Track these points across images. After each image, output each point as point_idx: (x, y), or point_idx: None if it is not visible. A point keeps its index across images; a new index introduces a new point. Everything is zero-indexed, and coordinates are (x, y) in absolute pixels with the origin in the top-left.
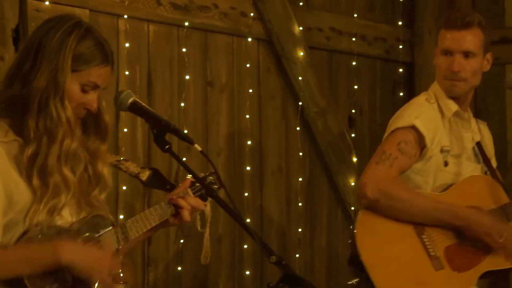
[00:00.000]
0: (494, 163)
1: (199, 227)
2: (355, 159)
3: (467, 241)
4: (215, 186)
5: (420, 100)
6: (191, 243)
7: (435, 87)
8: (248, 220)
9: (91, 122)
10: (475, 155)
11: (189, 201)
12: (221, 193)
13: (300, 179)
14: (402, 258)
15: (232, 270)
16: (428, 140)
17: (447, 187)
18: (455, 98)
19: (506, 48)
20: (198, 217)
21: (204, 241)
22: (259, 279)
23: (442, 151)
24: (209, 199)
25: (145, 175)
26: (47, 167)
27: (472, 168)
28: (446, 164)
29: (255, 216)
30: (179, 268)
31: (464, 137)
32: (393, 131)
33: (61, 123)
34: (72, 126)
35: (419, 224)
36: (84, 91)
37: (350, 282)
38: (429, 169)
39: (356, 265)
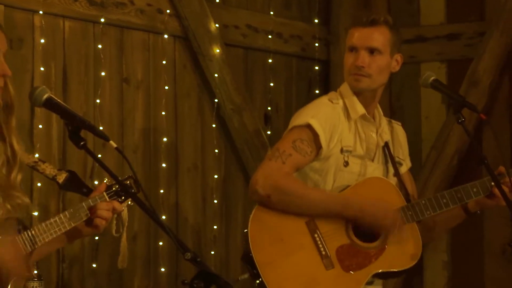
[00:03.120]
0: (408, 163)
1: (113, 232)
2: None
3: (360, 241)
4: (132, 191)
5: (322, 99)
6: (106, 240)
7: (343, 87)
8: (163, 217)
9: None
10: (384, 155)
11: (107, 208)
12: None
13: (216, 176)
14: (293, 256)
15: (147, 267)
16: (323, 140)
17: (346, 187)
18: (362, 97)
19: (421, 46)
20: (114, 222)
21: (121, 245)
22: (174, 276)
23: (342, 151)
24: (126, 203)
25: (61, 177)
26: None
27: (373, 169)
28: (346, 164)
29: (170, 213)
30: (94, 265)
31: (370, 138)
32: (290, 129)
33: None
34: None
35: (312, 222)
36: None
37: (240, 277)
38: (327, 169)
39: (248, 261)
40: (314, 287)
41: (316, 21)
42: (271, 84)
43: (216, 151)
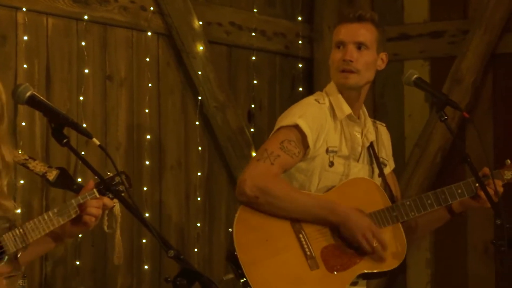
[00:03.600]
0: (392, 164)
1: (106, 228)
2: (254, 154)
3: (344, 243)
4: (123, 187)
5: (309, 99)
6: (89, 238)
7: (329, 86)
8: (146, 215)
9: None
10: (369, 156)
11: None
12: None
13: (199, 174)
14: (278, 256)
15: (130, 264)
16: (310, 140)
17: (331, 188)
18: (347, 97)
19: (404, 44)
20: (106, 217)
21: (116, 241)
22: (158, 274)
23: (328, 151)
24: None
25: (52, 174)
26: None
27: (358, 169)
28: (331, 164)
29: (153, 210)
30: (78, 263)
31: (355, 138)
32: (277, 130)
33: None
34: None
35: (298, 223)
36: None
37: (225, 278)
38: (313, 169)
39: (233, 261)
40: (299, 286)
41: (299, 18)
42: (255, 82)
43: (200, 148)
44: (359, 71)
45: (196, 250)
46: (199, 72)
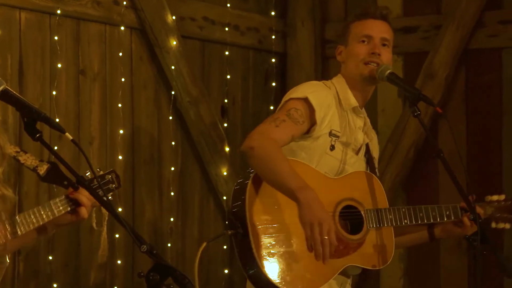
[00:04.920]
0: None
1: (94, 225)
2: (227, 149)
3: (343, 231)
4: (113, 185)
5: (317, 82)
6: (62, 232)
7: (337, 79)
8: (119, 210)
9: None
10: (366, 152)
11: (89, 197)
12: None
13: (172, 169)
14: (283, 227)
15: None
16: (318, 116)
17: (338, 172)
18: (359, 89)
19: None
20: (94, 215)
21: (102, 239)
22: (131, 269)
23: (331, 134)
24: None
25: (43, 169)
26: None
27: (354, 160)
28: (332, 148)
29: (126, 205)
30: (50, 257)
31: (357, 131)
32: (286, 101)
33: None
34: None
35: None
36: None
37: (225, 232)
38: (315, 148)
39: (238, 218)
40: (291, 262)
41: (272, 13)
42: (228, 77)
43: (173, 143)
44: (388, 65)
45: (169, 245)
46: (173, 67)
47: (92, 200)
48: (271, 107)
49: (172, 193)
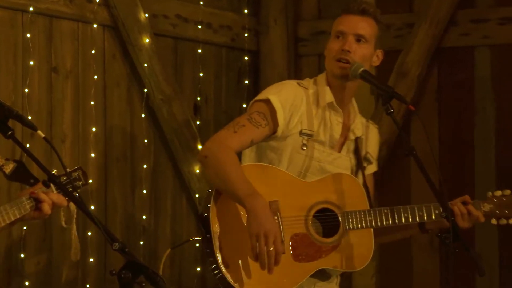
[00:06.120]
0: (375, 166)
1: (63, 223)
2: (200, 147)
3: (316, 234)
4: (80, 182)
5: (289, 81)
6: (34, 229)
7: (322, 75)
8: (92, 207)
9: None
10: (355, 150)
11: (51, 196)
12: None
13: (145, 166)
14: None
15: None
16: (280, 117)
17: (315, 170)
18: (335, 86)
19: None
20: (62, 213)
21: (72, 237)
22: (103, 267)
23: (301, 133)
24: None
25: (9, 167)
26: None
27: (334, 158)
28: (304, 147)
29: (99, 203)
30: (22, 255)
31: (334, 127)
32: (252, 104)
33: None
34: None
35: (275, 204)
36: None
37: (192, 238)
38: (283, 148)
39: (204, 224)
40: (257, 267)
41: (245, 11)
42: (201, 74)
43: (145, 141)
44: (360, 64)
45: (141, 243)
46: (145, 65)
47: (54, 199)
48: (244, 105)
49: (144, 191)
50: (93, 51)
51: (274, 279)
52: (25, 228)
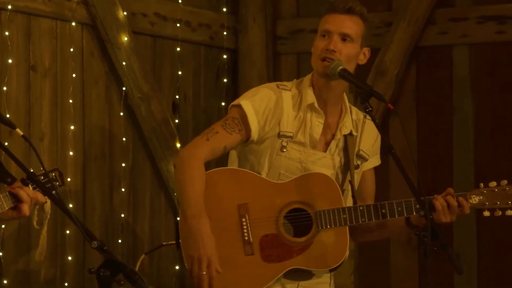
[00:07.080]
0: (375, 161)
1: (35, 224)
2: (178, 145)
3: (286, 235)
4: (56, 183)
5: (268, 84)
6: (12, 228)
7: (308, 75)
8: (70, 206)
9: None
10: (344, 147)
11: (29, 193)
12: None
13: (123, 165)
14: (217, 236)
15: (54, 255)
16: (252, 122)
17: (299, 171)
18: (320, 85)
19: None
20: (36, 213)
21: (41, 238)
22: (81, 265)
23: (280, 135)
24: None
25: None
26: None
27: (317, 158)
28: (283, 149)
29: (77, 201)
30: (0, 254)
31: (315, 128)
32: (229, 109)
33: None
34: None
35: (244, 206)
36: None
37: (165, 243)
38: (262, 151)
39: (176, 228)
40: (228, 269)
41: (224, 10)
42: (179, 73)
43: (124, 139)
44: (340, 62)
45: (120, 241)
46: (124, 63)
47: (33, 197)
48: (223, 103)
49: (123, 189)
50: (71, 49)
51: (244, 280)
52: (3, 226)
